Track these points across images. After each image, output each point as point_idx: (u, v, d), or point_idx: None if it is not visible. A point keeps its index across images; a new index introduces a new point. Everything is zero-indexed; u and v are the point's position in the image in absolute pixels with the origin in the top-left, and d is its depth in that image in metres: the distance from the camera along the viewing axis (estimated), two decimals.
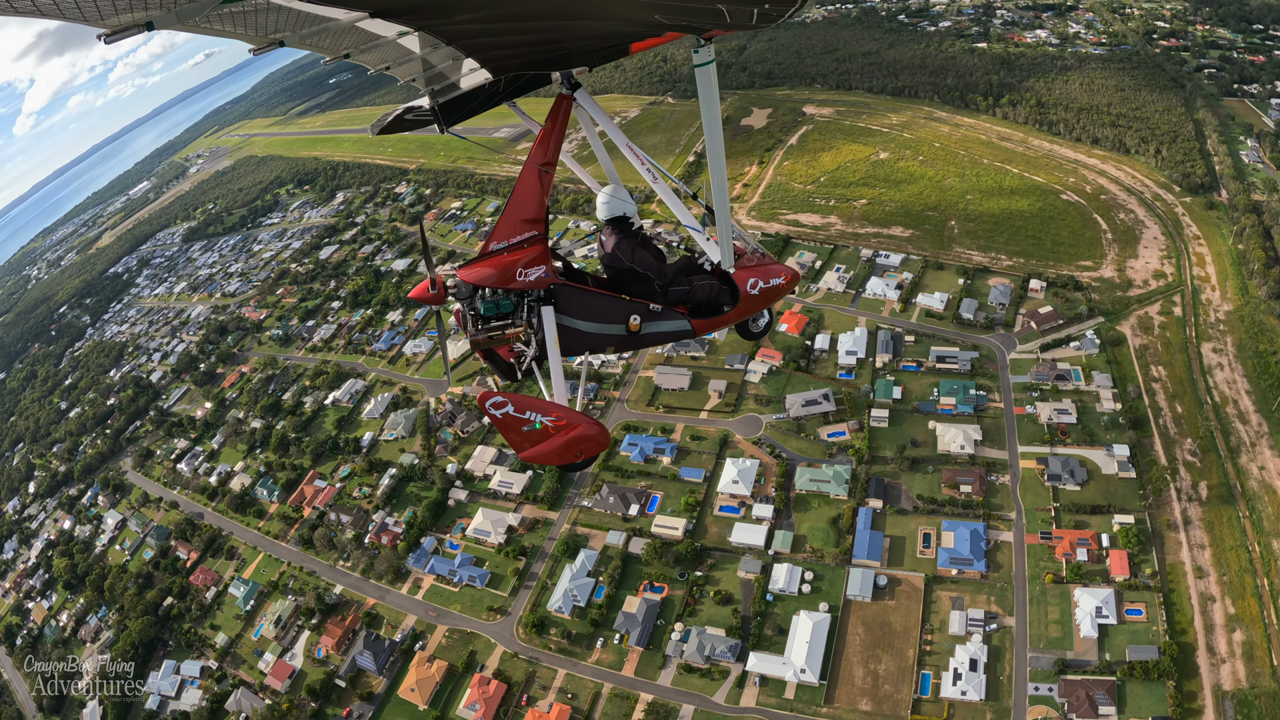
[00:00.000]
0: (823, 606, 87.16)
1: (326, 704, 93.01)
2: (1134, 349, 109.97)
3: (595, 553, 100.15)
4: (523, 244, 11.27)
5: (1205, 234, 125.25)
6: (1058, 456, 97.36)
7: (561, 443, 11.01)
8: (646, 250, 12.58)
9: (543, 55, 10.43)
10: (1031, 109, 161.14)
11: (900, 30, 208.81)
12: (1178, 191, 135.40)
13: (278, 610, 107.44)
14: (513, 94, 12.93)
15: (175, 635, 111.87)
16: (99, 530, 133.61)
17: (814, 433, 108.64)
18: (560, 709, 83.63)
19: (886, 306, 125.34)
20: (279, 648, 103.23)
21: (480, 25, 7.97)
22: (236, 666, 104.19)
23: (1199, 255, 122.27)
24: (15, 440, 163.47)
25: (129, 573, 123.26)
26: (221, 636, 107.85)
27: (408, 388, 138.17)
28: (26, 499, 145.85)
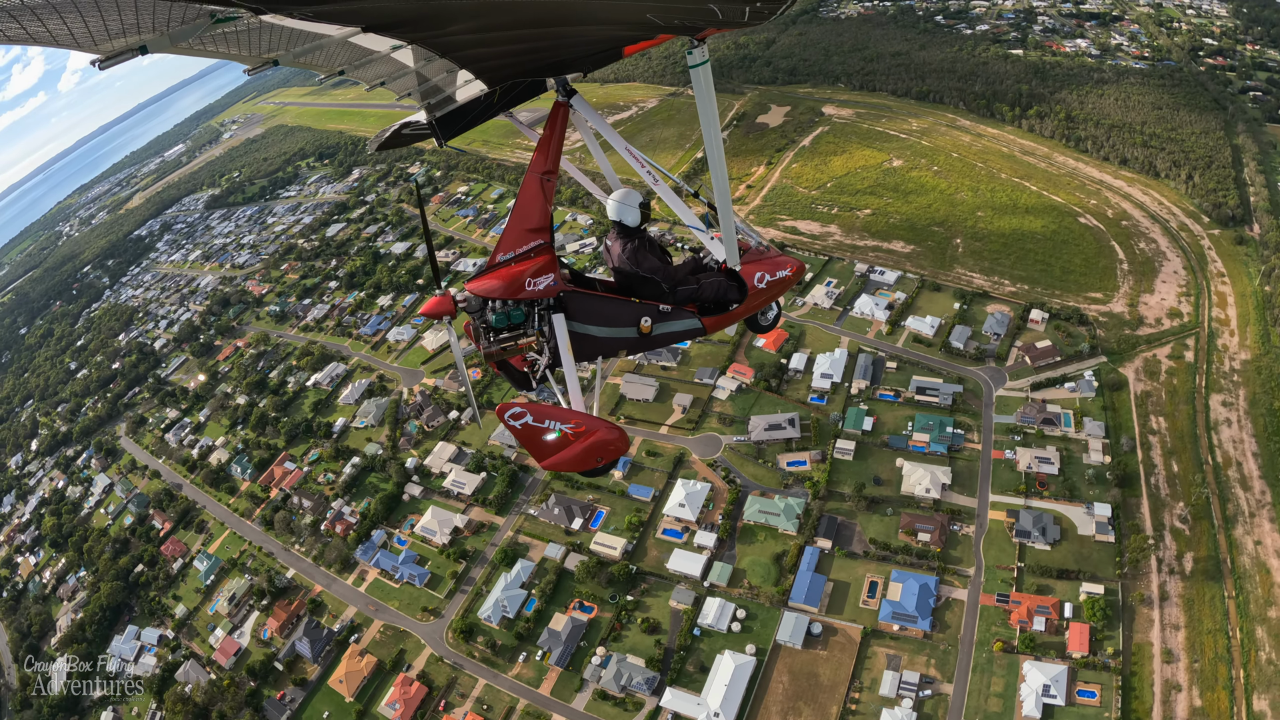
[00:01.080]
0: (750, 648, 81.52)
1: (264, 685, 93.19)
2: (1135, 395, 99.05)
3: (532, 564, 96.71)
4: (529, 253, 11.08)
5: (1230, 271, 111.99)
6: (1031, 510, 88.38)
7: (582, 449, 10.91)
8: (652, 252, 12.35)
9: (536, 63, 10.26)
10: (1060, 123, 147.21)
11: (935, 32, 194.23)
12: (1206, 222, 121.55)
13: (233, 588, 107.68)
14: (509, 104, 12.65)
15: (141, 602, 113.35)
16: (88, 492, 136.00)
17: (774, 459, 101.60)
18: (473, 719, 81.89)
19: (873, 327, 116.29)
20: (230, 624, 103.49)
21: (473, 36, 7.85)
22: (190, 638, 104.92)
23: (1220, 295, 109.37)
24: (26, 396, 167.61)
25: (108, 537, 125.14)
26: (181, 608, 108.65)
27: (385, 375, 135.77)
28: (29, 455, 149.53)
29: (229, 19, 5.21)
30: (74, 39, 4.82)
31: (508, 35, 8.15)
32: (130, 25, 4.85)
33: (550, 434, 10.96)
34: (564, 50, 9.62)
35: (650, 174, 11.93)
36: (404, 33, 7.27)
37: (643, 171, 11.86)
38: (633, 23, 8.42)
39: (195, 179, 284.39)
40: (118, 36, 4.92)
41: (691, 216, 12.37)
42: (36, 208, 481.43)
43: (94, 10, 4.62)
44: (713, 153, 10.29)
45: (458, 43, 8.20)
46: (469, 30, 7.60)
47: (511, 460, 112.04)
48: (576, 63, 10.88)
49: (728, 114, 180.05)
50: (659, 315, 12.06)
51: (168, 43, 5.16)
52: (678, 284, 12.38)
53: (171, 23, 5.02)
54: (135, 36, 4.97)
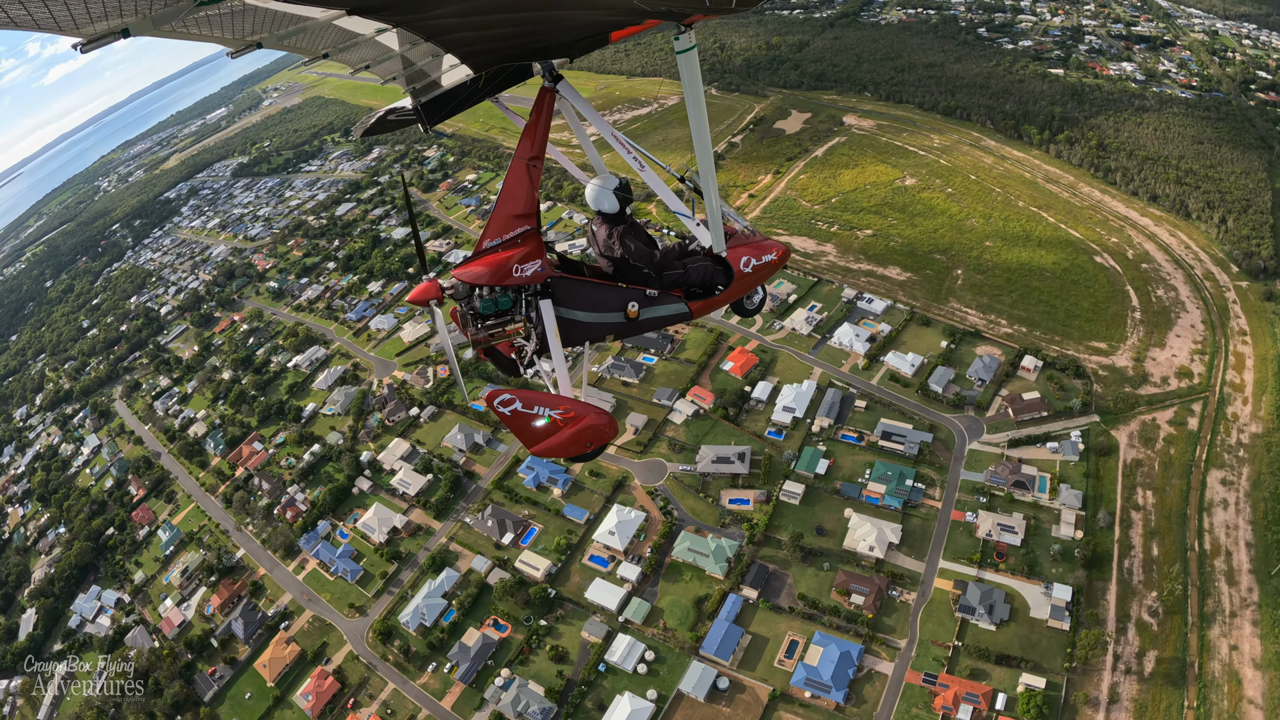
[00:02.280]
0: (651, 694, 76.49)
1: (199, 658, 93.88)
2: (1124, 463, 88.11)
3: (457, 574, 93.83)
4: (516, 240, 10.91)
5: (1254, 330, 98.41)
6: (981, 584, 79.47)
7: (571, 434, 10.81)
8: (638, 237, 12.17)
9: (522, 48, 10.07)
10: (1090, 150, 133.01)
11: (974, 44, 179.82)
12: (1235, 272, 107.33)
13: (187, 561, 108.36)
14: (494, 89, 12.44)
15: (107, 564, 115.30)
16: (78, 451, 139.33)
17: (717, 494, 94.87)
18: None
19: (850, 360, 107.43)
20: (179, 596, 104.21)
21: (458, 19, 7.68)
22: (144, 605, 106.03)
23: (1239, 356, 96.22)
24: (40, 350, 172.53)
25: (88, 497, 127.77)
26: (140, 574, 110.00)
27: (360, 364, 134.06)
28: (33, 409, 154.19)
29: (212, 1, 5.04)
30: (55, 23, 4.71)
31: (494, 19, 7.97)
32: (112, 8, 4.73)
33: (539, 420, 10.80)
34: (550, 35, 9.34)
35: (636, 159, 11.54)
36: (389, 15, 7.02)
37: (628, 157, 11.48)
38: (619, 8, 8.13)
39: (229, 145, 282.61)
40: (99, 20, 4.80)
41: (677, 201, 11.95)
42: (83, 159, 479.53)
43: None
44: (699, 139, 10.25)
45: (443, 26, 7.94)
46: (455, 14, 7.35)
47: (459, 465, 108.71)
48: (563, 48, 10.59)
49: (746, 117, 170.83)
50: (646, 300, 11.83)
51: (150, 25, 5.04)
52: (664, 269, 12.13)
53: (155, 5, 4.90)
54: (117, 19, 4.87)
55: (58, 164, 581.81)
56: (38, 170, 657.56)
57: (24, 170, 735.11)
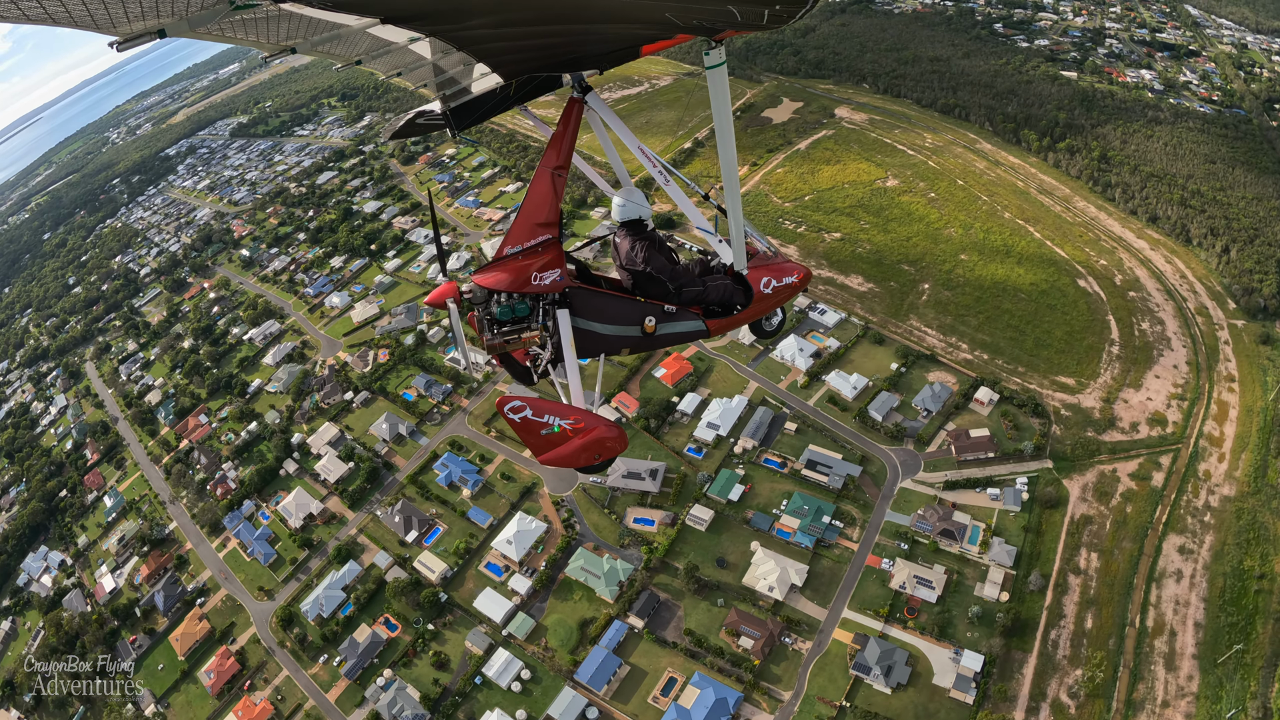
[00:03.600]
0: (521, 714, 71.51)
1: (123, 626, 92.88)
2: (1071, 519, 76.60)
3: (359, 568, 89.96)
4: (537, 248, 10.66)
5: (1243, 376, 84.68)
6: (883, 641, 69.74)
7: (579, 445, 10.53)
8: (660, 252, 11.84)
9: (553, 59, 9.88)
10: (1091, 162, 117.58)
11: (987, 40, 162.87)
12: (1231, 309, 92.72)
13: (125, 529, 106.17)
14: (524, 97, 12.22)
15: (57, 526, 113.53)
16: (46, 410, 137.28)
17: (624, 511, 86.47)
18: (266, 707, 79.04)
19: (790, 376, 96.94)
20: (114, 563, 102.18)
21: (491, 30, 7.61)
22: (83, 569, 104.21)
23: (1222, 405, 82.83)
24: (27, 304, 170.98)
25: (48, 457, 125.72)
26: (84, 539, 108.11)
27: (309, 341, 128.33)
28: (12, 364, 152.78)
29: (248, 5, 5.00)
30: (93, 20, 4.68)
31: (526, 31, 7.84)
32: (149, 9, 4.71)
33: (549, 429, 10.48)
34: (582, 47, 9.20)
35: (662, 174, 11.16)
36: (423, 25, 7.05)
37: (654, 171, 11.18)
38: (651, 22, 7.98)
39: (234, 103, 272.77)
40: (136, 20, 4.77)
41: (700, 217, 11.89)
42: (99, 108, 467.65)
43: None
44: (725, 156, 9.96)
45: (476, 36, 7.89)
46: (488, 25, 7.30)
47: (380, 455, 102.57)
48: (593, 60, 10.41)
49: (735, 103, 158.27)
50: (663, 315, 11.52)
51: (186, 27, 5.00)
52: (684, 285, 11.79)
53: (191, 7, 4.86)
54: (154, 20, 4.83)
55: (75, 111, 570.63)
56: (56, 116, 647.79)
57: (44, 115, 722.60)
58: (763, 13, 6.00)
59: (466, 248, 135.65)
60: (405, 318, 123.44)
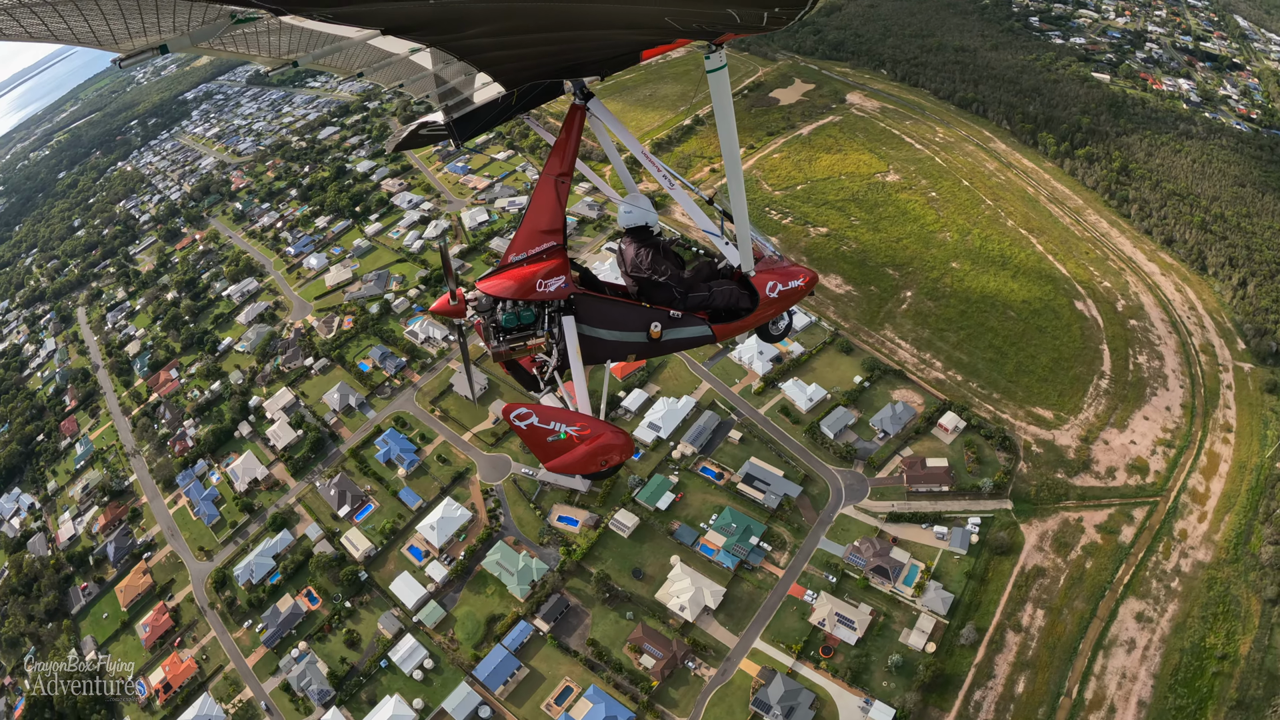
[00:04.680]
0: (418, 703, 69.35)
1: (77, 573, 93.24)
2: (1021, 570, 68.20)
3: (292, 538, 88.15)
4: (541, 255, 10.46)
5: (1242, 427, 73.89)
6: (790, 680, 63.31)
7: (586, 452, 10.29)
8: (665, 258, 11.53)
9: (554, 66, 9.88)
10: (1110, 172, 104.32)
11: (1020, 33, 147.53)
12: (1240, 350, 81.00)
13: (90, 478, 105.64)
14: (526, 106, 11.83)
15: (31, 469, 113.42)
16: (36, 353, 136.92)
17: (549, 507, 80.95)
18: (190, 665, 79.27)
19: (745, 380, 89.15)
20: (76, 510, 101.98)
21: (492, 39, 7.59)
22: (50, 514, 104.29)
23: (1213, 457, 72.43)
24: (33, 244, 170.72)
25: (31, 400, 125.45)
26: (53, 484, 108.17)
27: (282, 303, 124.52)
28: (12, 304, 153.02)
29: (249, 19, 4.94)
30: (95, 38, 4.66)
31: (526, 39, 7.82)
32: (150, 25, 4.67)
33: (555, 436, 10.23)
34: (582, 54, 9.18)
35: (667, 179, 11.01)
36: (423, 35, 6.97)
37: (659, 176, 11.02)
38: (651, 27, 8.00)
39: None
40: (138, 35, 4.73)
41: (706, 221, 11.59)
42: None
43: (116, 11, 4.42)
44: (730, 159, 9.73)
45: (476, 46, 7.86)
46: (488, 34, 7.22)
47: (328, 425, 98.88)
48: (594, 66, 10.18)
49: (744, 80, 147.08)
50: (669, 321, 11.27)
51: (187, 42, 4.95)
52: (689, 290, 11.56)
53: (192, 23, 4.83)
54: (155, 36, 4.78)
55: None
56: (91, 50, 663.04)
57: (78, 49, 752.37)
58: (762, 15, 5.93)
59: (445, 215, 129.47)
60: (375, 285, 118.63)
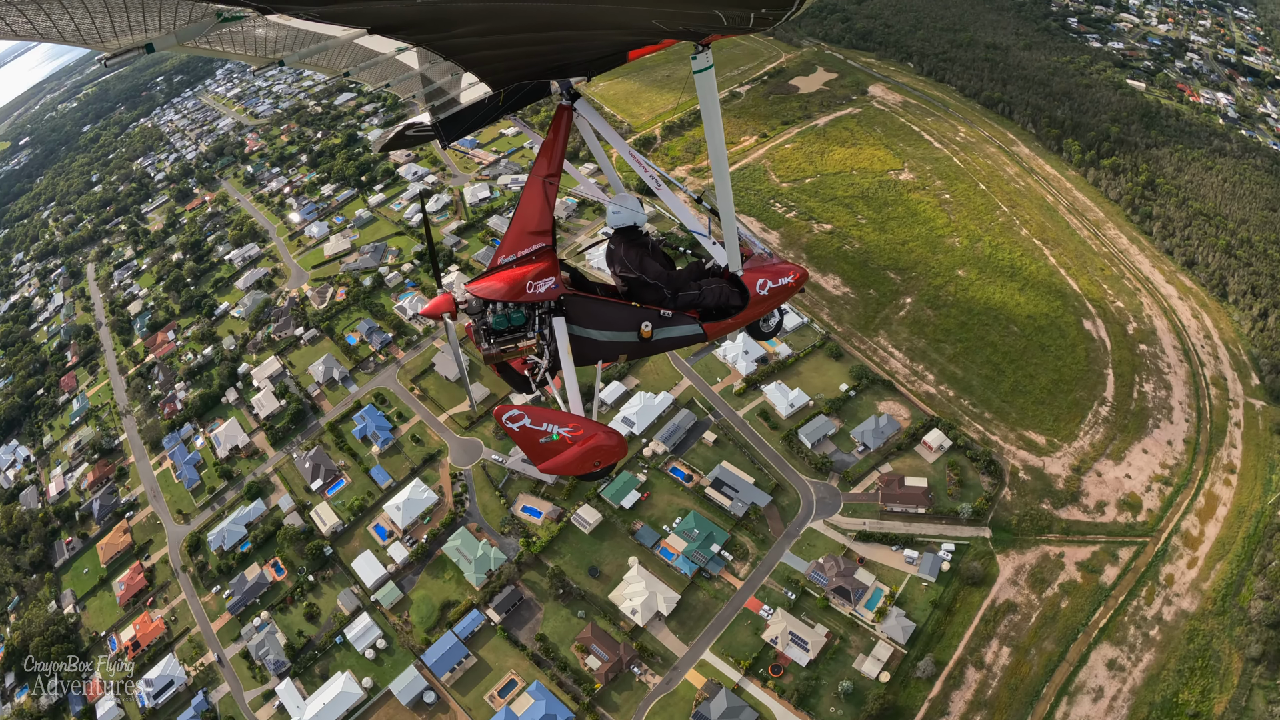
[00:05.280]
0: (367, 682, 69.34)
1: (63, 528, 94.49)
2: (991, 603, 64.23)
3: (264, 508, 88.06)
4: (531, 256, 10.37)
5: (1246, 469, 68.29)
6: (735, 697, 60.73)
7: (579, 453, 10.12)
8: (654, 258, 11.42)
9: (541, 67, 9.72)
10: (1135, 186, 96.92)
11: (1056, 34, 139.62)
12: (1254, 385, 74.83)
13: (83, 435, 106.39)
14: (513, 106, 12.00)
15: (29, 422, 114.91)
16: (44, 307, 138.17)
17: (514, 497, 79.00)
18: (159, 625, 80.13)
19: (727, 380, 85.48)
20: (68, 466, 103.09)
21: (478, 39, 7.52)
22: (43, 467, 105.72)
23: (1211, 499, 67.12)
24: (51, 198, 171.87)
25: (35, 354, 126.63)
26: (49, 438, 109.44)
27: (280, 270, 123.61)
28: (27, 257, 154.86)
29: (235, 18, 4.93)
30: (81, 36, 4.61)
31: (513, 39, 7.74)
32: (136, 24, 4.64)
33: (548, 437, 10.11)
34: (569, 54, 9.05)
35: (653, 178, 11.08)
36: (409, 35, 6.91)
37: (645, 175, 11.11)
38: (637, 28, 7.89)
39: None
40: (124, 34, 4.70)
41: (694, 221, 11.50)
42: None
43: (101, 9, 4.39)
44: (716, 159, 9.59)
45: (463, 45, 7.81)
46: (474, 33, 7.14)
47: (310, 397, 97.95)
48: (581, 66, 10.10)
49: (765, 66, 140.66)
50: (660, 320, 11.10)
51: (174, 41, 4.92)
52: (679, 289, 11.40)
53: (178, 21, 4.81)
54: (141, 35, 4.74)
55: None
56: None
57: None
58: (748, 16, 5.89)
59: (449, 190, 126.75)
60: (371, 257, 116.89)
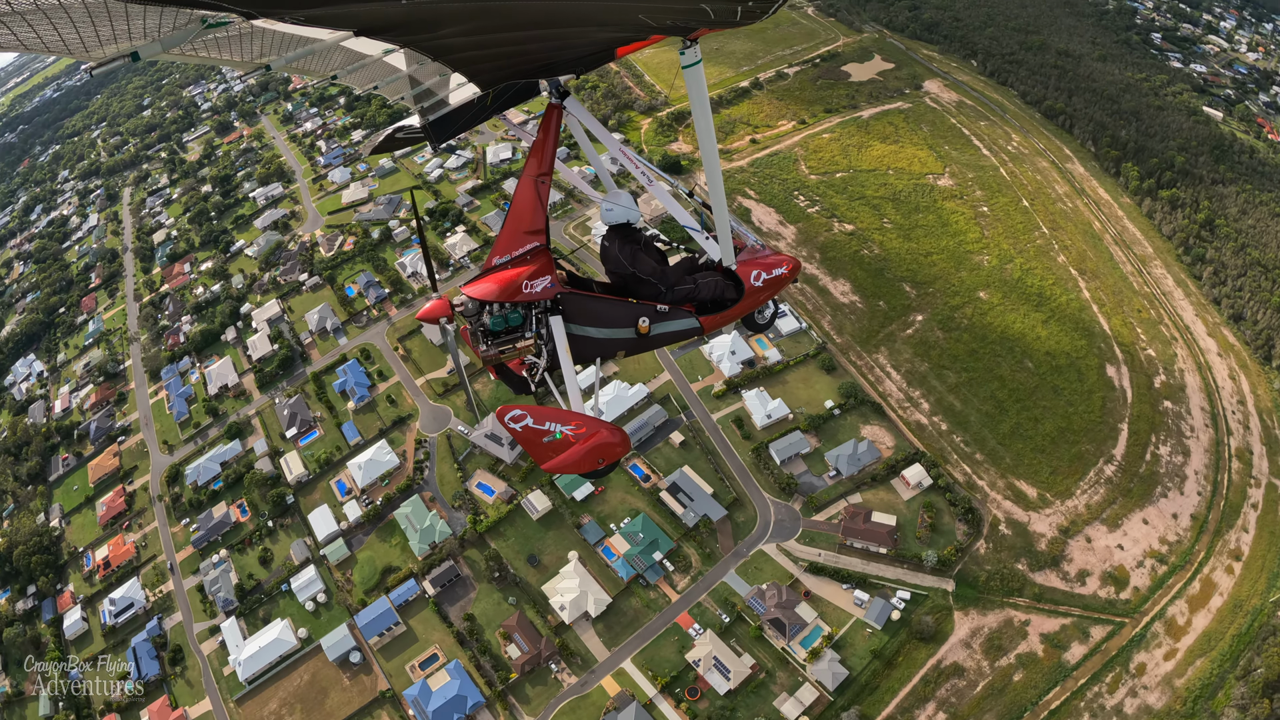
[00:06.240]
0: (302, 632, 70.80)
1: (62, 444, 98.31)
2: (938, 662, 59.11)
3: (240, 449, 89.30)
4: (525, 256, 10.22)
5: (1254, 557, 60.56)
6: (645, 714, 58.54)
7: (582, 451, 10.05)
8: (648, 254, 11.34)
9: (528, 66, 9.61)
10: (1192, 224, 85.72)
11: (1135, 48, 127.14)
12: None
13: (93, 357, 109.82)
14: (502, 106, 11.87)
15: (48, 338, 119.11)
16: (79, 227, 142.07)
17: (472, 472, 77.32)
18: (130, 549, 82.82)
19: (709, 379, 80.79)
20: (75, 385, 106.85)
21: (466, 39, 7.29)
22: (54, 384, 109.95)
23: (1208, 586, 59.69)
24: (103, 119, 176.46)
25: (64, 272, 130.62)
26: (62, 356, 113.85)
27: (298, 212, 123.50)
28: (71, 174, 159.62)
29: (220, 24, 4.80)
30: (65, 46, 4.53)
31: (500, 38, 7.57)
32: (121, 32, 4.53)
33: (551, 436, 10.02)
34: (557, 52, 8.88)
35: (644, 174, 10.97)
36: (396, 36, 6.68)
37: (637, 172, 10.99)
38: (625, 24, 7.85)
39: None
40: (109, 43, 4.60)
41: (686, 215, 11.54)
42: None
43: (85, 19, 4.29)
44: (707, 153, 9.62)
45: (450, 46, 7.53)
46: (462, 33, 6.96)
47: (302, 345, 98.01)
48: (569, 65, 9.89)
49: (820, 49, 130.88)
50: (656, 315, 11.03)
51: (159, 48, 4.79)
52: (674, 284, 11.29)
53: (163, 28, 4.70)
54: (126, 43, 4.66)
55: None
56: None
57: None
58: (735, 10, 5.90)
59: (472, 148, 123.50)
60: (384, 209, 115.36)
